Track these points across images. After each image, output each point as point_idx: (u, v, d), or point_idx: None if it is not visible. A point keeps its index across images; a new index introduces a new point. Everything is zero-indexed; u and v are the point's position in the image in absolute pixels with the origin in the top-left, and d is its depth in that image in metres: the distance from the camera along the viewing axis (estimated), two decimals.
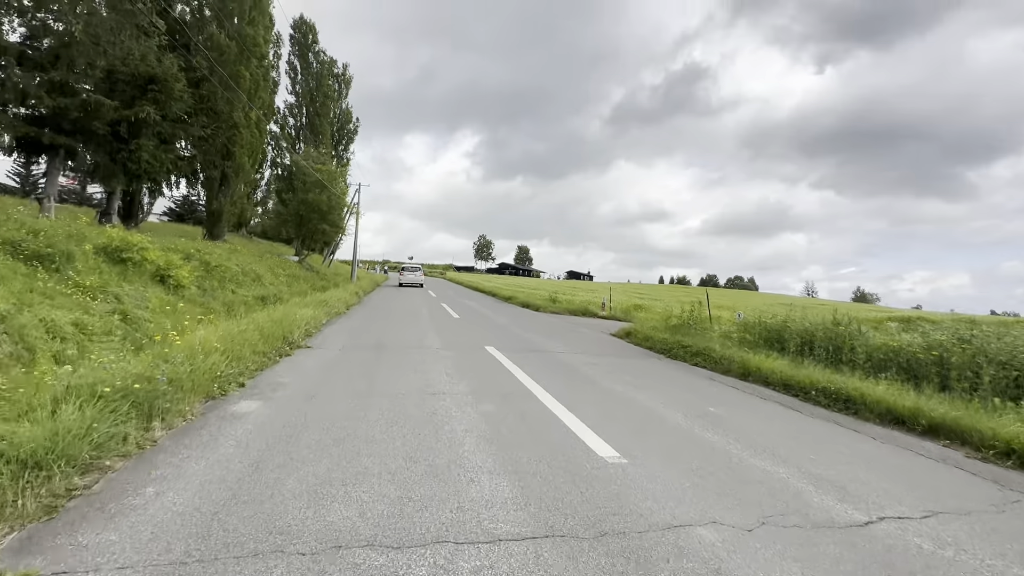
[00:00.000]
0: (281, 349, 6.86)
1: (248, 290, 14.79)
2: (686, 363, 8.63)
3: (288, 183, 31.24)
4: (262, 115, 26.78)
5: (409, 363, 6.77)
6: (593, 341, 10.84)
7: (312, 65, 42.10)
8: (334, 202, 29.92)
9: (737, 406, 5.67)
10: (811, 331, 8.44)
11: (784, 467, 3.70)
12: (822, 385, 6.16)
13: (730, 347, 8.80)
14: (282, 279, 19.52)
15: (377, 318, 12.93)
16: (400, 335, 9.66)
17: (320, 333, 9.24)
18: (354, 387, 5.26)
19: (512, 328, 12.35)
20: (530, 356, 8.07)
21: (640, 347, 10.27)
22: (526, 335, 11.01)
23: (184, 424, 3.77)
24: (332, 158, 39.85)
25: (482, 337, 10.15)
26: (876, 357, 7.28)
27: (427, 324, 11.98)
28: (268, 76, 27.68)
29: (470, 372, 6.41)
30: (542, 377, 6.33)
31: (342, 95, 46.32)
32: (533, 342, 9.87)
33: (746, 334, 9.60)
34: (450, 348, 8.36)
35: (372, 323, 11.64)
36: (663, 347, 9.71)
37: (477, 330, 11.49)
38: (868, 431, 5.04)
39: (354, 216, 37.01)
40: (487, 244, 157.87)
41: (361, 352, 7.49)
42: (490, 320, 14.31)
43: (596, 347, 9.87)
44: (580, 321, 15.93)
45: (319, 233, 29.92)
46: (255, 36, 23.72)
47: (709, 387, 6.67)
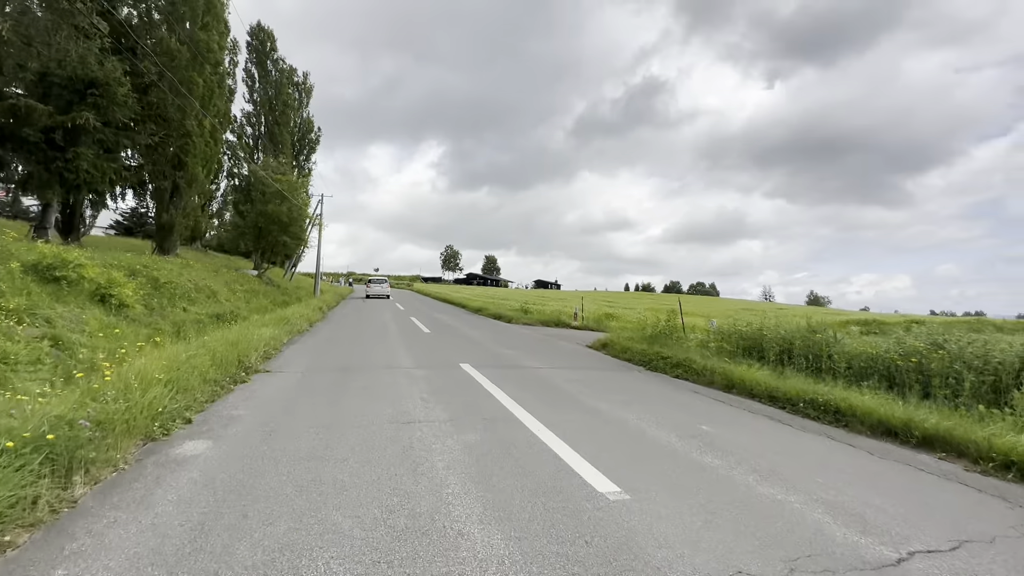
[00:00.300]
0: (236, 375, 6.23)
1: (202, 307, 13.85)
2: (667, 375, 8.43)
3: (246, 194, 29.97)
4: (217, 123, 25.61)
5: (380, 386, 6.26)
6: (570, 354, 10.54)
7: (271, 73, 40.88)
8: (295, 213, 28.85)
9: (728, 423, 5.44)
10: (789, 339, 8.40)
11: (795, 495, 3.43)
12: (809, 396, 6.03)
13: (710, 357, 8.66)
14: (239, 295, 18.49)
15: (343, 335, 12.27)
16: (368, 354, 9.09)
17: (280, 355, 8.58)
18: (319, 418, 4.73)
19: (486, 342, 11.93)
20: (508, 373, 7.68)
21: (619, 359, 10.04)
22: (501, 350, 10.61)
23: (114, 475, 3.20)
24: (293, 168, 38.67)
25: (456, 353, 9.70)
26: (856, 365, 7.24)
27: (396, 340, 11.42)
28: (224, 83, 26.53)
29: (447, 395, 5.97)
30: (524, 398, 5.95)
31: (303, 104, 45.17)
32: (509, 357, 9.48)
33: (723, 343, 9.50)
34: (423, 367, 7.88)
35: (337, 341, 11.00)
36: (642, 359, 9.50)
37: (450, 345, 11.02)
38: (862, 444, 4.88)
39: (317, 228, 35.86)
40: (454, 254, 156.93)
41: (326, 375, 6.92)
42: (462, 334, 13.85)
43: (574, 361, 9.57)
44: (554, 332, 15.66)
45: (280, 246, 28.76)
46: (209, 41, 22.66)
47: (696, 402, 6.45)
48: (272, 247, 29.41)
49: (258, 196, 27.80)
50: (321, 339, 11.18)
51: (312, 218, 35.01)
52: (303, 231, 32.39)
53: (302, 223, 31.57)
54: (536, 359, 9.42)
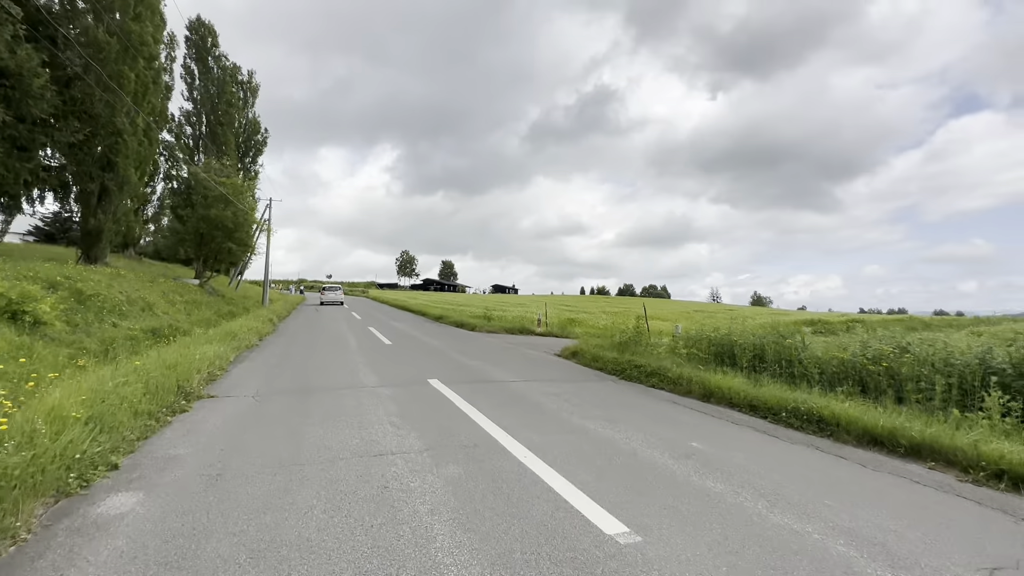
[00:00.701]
0: (175, 404, 5.48)
1: (135, 322, 12.61)
2: (643, 384, 8.22)
3: (186, 198, 28.06)
4: (153, 122, 23.82)
5: (344, 410, 5.67)
6: (540, 364, 10.20)
7: (212, 70, 38.66)
8: (241, 218, 27.25)
9: (717, 438, 5.22)
10: (761, 346, 8.39)
11: (810, 523, 3.19)
12: (791, 406, 5.93)
13: (683, 365, 8.54)
14: (179, 307, 17.10)
15: (297, 350, 11.42)
16: (327, 371, 8.40)
17: (228, 375, 7.77)
18: (276, 453, 4.14)
19: (451, 353, 11.42)
20: (480, 389, 7.24)
21: (590, 368, 9.79)
22: (469, 361, 10.14)
23: (12, 550, 2.54)
24: (238, 171, 36.67)
25: (422, 367, 9.15)
26: (829, 370, 7.28)
27: (356, 354, 10.72)
28: (159, 79, 24.67)
29: (419, 417, 5.46)
30: (502, 417, 5.53)
31: (248, 104, 43.04)
32: (479, 370, 9.03)
33: (694, 349, 9.44)
34: (389, 384, 7.31)
35: (292, 357, 10.19)
36: (615, 367, 9.28)
37: (414, 358, 10.44)
38: (852, 456, 4.78)
39: (265, 233, 34.08)
40: (410, 260, 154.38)
41: (281, 399, 6.24)
42: (425, 345, 13.25)
43: (546, 372, 9.23)
44: (519, 340, 15.31)
45: (224, 253, 27.07)
46: (142, 33, 20.98)
47: (679, 415, 6.23)
48: (216, 254, 27.64)
49: (200, 200, 26.06)
50: (273, 355, 10.33)
51: (260, 223, 33.26)
52: (250, 237, 30.67)
53: (249, 228, 29.89)
54: (506, 371, 9.02)
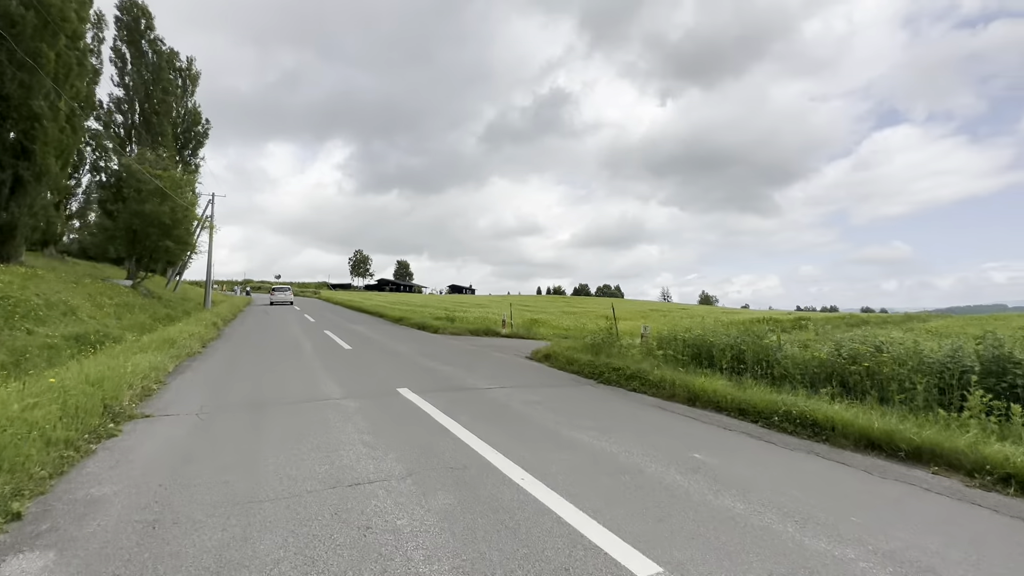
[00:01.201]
0: (101, 428, 4.64)
1: (55, 328, 11.23)
2: (623, 388, 7.92)
3: (116, 191, 25.82)
4: (78, 108, 21.70)
5: (307, 429, 5.00)
6: (514, 369, 9.74)
7: (147, 54, 35.88)
8: (180, 214, 25.30)
9: (716, 447, 4.94)
10: (740, 346, 8.28)
11: (849, 547, 2.90)
12: (783, 409, 5.75)
13: (661, 367, 8.32)
14: (109, 310, 15.52)
15: (246, 357, 10.44)
16: (283, 381, 7.60)
17: (166, 389, 6.85)
18: (229, 488, 3.47)
19: (418, 358, 10.77)
20: (457, 398, 6.70)
21: (566, 372, 9.42)
22: (438, 367, 9.54)
23: None
24: (176, 164, 34.21)
25: (389, 375, 8.49)
26: (810, 371, 7.22)
27: (314, 361, 9.89)
28: (85, 61, 22.54)
29: (395, 435, 4.87)
30: (489, 432, 5.03)
31: (187, 92, 40.41)
32: (450, 376, 8.47)
33: (669, 351, 9.26)
34: (355, 396, 6.64)
35: (240, 366, 9.25)
36: (592, 371, 8.95)
37: (379, 365, 9.73)
38: (854, 462, 4.60)
39: (207, 231, 31.89)
40: (364, 259, 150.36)
41: (231, 416, 5.47)
42: (388, 349, 12.51)
43: (521, 377, 8.78)
44: (486, 343, 14.79)
45: (161, 251, 25.01)
46: (64, 9, 18.99)
47: (670, 422, 5.93)
48: (151, 253, 25.50)
49: (132, 194, 23.97)
50: (219, 364, 9.34)
51: (201, 219, 31.08)
52: (190, 234, 28.57)
53: (189, 225, 27.82)
54: (480, 377, 8.50)
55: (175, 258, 29.36)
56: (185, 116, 40.48)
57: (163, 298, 25.14)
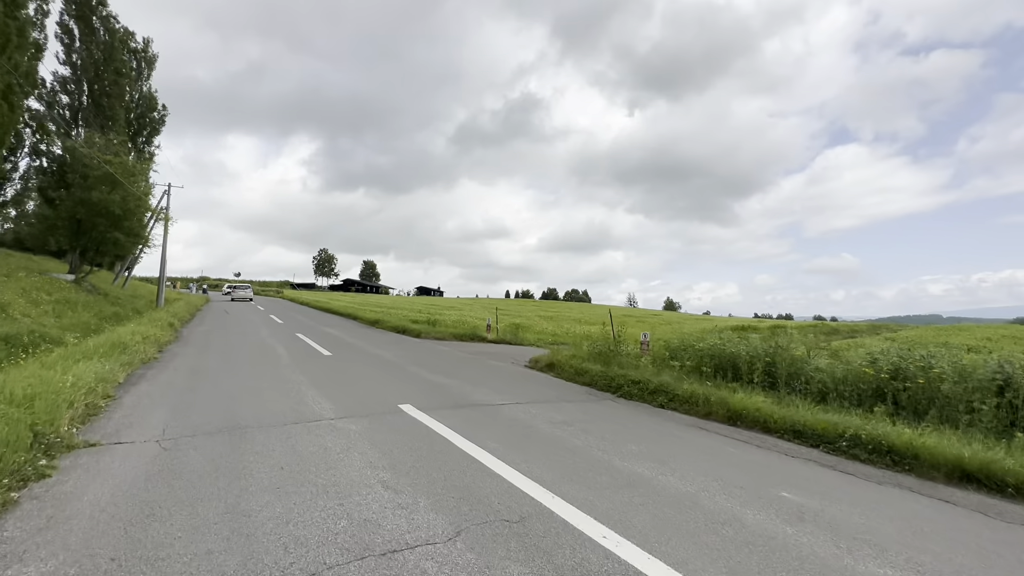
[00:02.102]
0: (27, 466, 3.49)
1: None
2: (648, 404, 7.18)
3: (59, 178, 23.49)
4: (16, 84, 19.56)
5: (305, 464, 3.98)
6: (520, 380, 8.85)
7: (98, 31, 33.17)
8: (132, 204, 23.25)
9: (798, 483, 4.21)
10: (763, 357, 7.68)
11: None
12: (849, 433, 5.11)
13: (685, 380, 7.63)
14: (46, 307, 13.76)
15: (213, 364, 9.15)
16: (261, 396, 6.47)
17: (117, 405, 5.64)
18: (214, 566, 2.47)
19: (409, 367, 9.73)
20: (472, 418, 5.78)
21: (577, 384, 8.60)
22: (435, 378, 8.56)
23: None
24: (129, 151, 31.71)
25: (382, 387, 7.46)
26: (852, 386, 6.66)
27: (292, 370, 8.73)
28: (26, 33, 20.32)
29: (419, 472, 3.92)
30: (529, 464, 4.15)
31: (143, 75, 37.71)
32: (453, 390, 7.51)
33: (686, 362, 8.61)
34: (352, 415, 5.61)
35: (207, 375, 8.00)
36: (606, 383, 8.18)
37: (368, 375, 8.66)
38: (958, 500, 3.97)
39: (162, 223, 29.59)
40: (329, 259, 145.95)
41: (203, 445, 4.38)
42: (373, 356, 11.39)
43: (533, 390, 7.91)
44: (475, 349, 13.83)
45: (109, 244, 22.91)
46: None
47: (724, 448, 5.17)
48: (98, 245, 23.30)
49: (77, 180, 21.83)
50: (181, 373, 8.06)
51: (156, 211, 28.83)
52: (143, 226, 26.40)
53: (141, 216, 25.68)
54: (487, 390, 7.58)
55: (125, 252, 27.08)
56: (139, 101, 37.75)
57: (110, 295, 22.99)
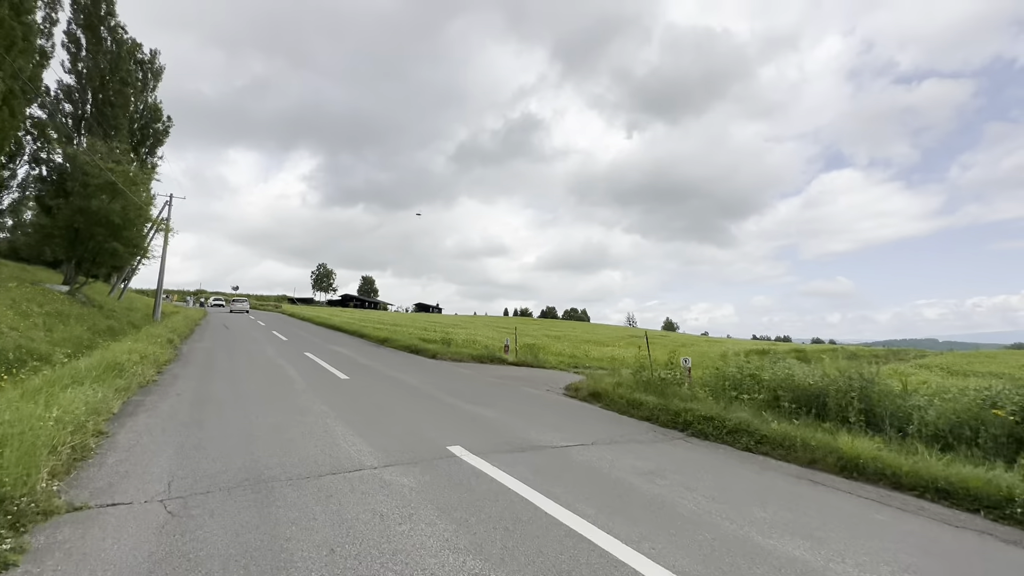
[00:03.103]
0: None
1: None
2: (731, 447, 6.16)
3: (58, 186, 22.65)
4: (18, 89, 18.89)
5: (359, 542, 2.96)
6: (568, 413, 7.83)
7: (105, 41, 32.73)
8: (132, 214, 22.38)
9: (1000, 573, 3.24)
10: (855, 389, 6.70)
11: None
12: (1021, 496, 4.14)
13: (764, 417, 6.65)
14: (36, 320, 12.72)
15: (220, 390, 8.11)
16: (283, 434, 5.44)
17: (111, 445, 4.62)
18: None
19: (440, 395, 8.71)
20: (540, 466, 4.77)
21: (633, 417, 7.59)
22: (473, 408, 7.54)
23: None
24: (132, 160, 30.98)
25: (420, 421, 6.43)
26: (969, 426, 5.69)
27: (311, 397, 7.69)
28: (32, 38, 19.73)
29: (514, 557, 2.92)
30: (652, 543, 3.14)
31: (148, 86, 37.21)
32: (501, 425, 6.50)
33: (755, 393, 7.64)
34: (397, 462, 4.60)
35: (215, 404, 6.97)
36: (671, 419, 7.16)
37: (398, 405, 7.63)
38: None
39: (163, 233, 28.66)
40: (328, 274, 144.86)
41: (221, 510, 3.35)
42: (394, 380, 10.36)
43: (591, 426, 6.89)
44: (499, 372, 12.81)
45: (106, 254, 21.95)
46: None
47: (867, 513, 4.16)
48: (95, 256, 22.34)
49: (77, 188, 20.97)
50: (185, 400, 7.04)
51: (157, 222, 27.93)
52: (142, 237, 25.50)
53: (141, 227, 24.78)
54: (540, 426, 6.56)
55: (123, 262, 26.08)
56: (144, 111, 37.21)
57: (105, 307, 21.93)
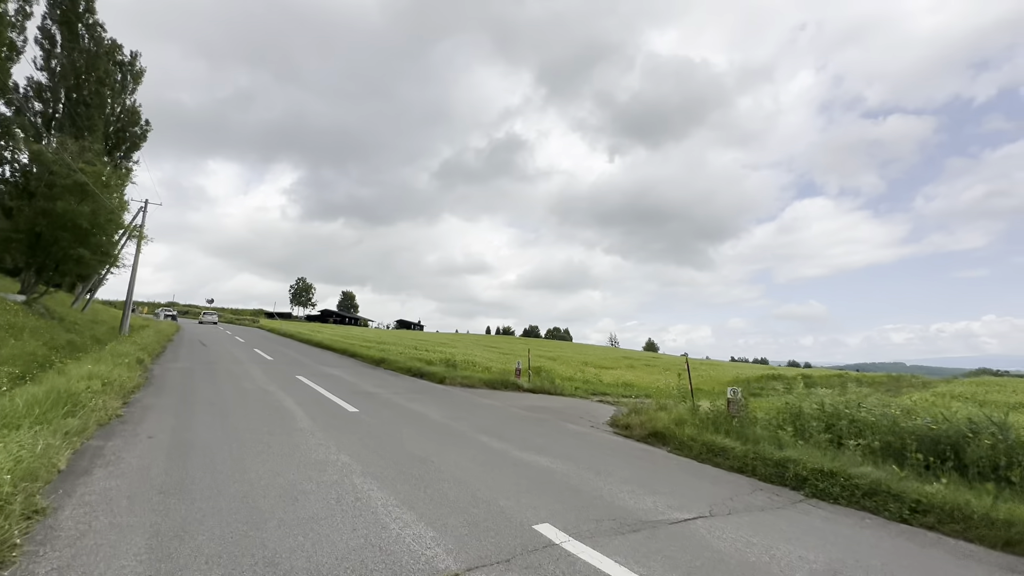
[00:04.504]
0: None
1: None
2: (871, 514, 4.85)
3: (22, 188, 20.66)
4: None
5: None
6: (640, 462, 6.39)
7: (82, 38, 30.86)
8: (103, 218, 20.42)
9: None
10: (962, 433, 5.46)
11: None
12: None
13: (898, 473, 5.37)
14: None
15: (204, 434, 6.47)
16: (301, 507, 3.90)
17: (49, 535, 3.05)
18: None
19: (471, 432, 7.21)
20: (678, 559, 3.37)
21: (720, 468, 6.20)
22: (523, 455, 6.07)
23: None
24: (106, 164, 28.93)
25: (474, 477, 4.95)
26: None
27: (322, 442, 6.14)
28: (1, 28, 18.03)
29: None
30: None
31: (127, 89, 35.26)
32: (571, 481, 5.06)
33: (870, 439, 6.31)
34: (477, 557, 3.14)
35: (199, 455, 5.35)
36: (771, 470, 5.81)
37: (431, 449, 6.12)
38: None
39: (135, 241, 26.55)
40: (307, 288, 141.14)
41: None
42: (411, 413, 8.79)
43: (683, 483, 5.48)
44: (524, 403, 11.32)
45: (71, 261, 19.91)
46: None
47: None
48: (59, 263, 20.26)
49: (42, 189, 19.03)
50: (160, 448, 5.42)
51: (129, 228, 25.88)
52: (112, 244, 23.44)
53: (111, 233, 22.76)
54: (617, 482, 5.14)
55: (89, 271, 23.93)
56: (121, 114, 35.20)
57: (66, 320, 19.80)
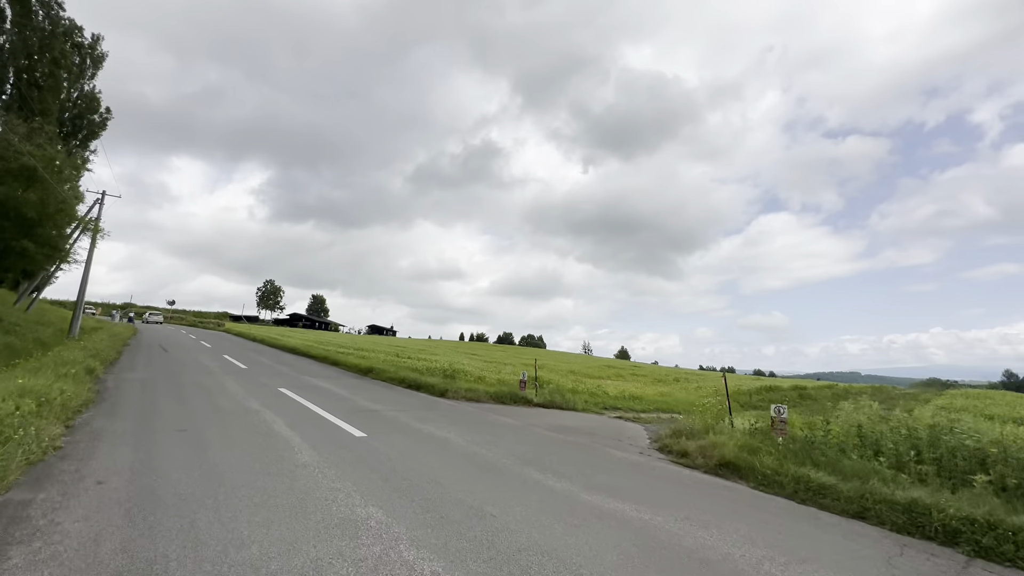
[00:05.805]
0: None
1: None
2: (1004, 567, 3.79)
3: None
4: None
5: None
6: (729, 505, 5.20)
7: (36, 15, 28.29)
8: (53, 208, 18.27)
9: None
10: None
11: None
12: None
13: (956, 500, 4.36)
14: None
15: (173, 473, 4.95)
16: None
17: None
18: None
19: (513, 466, 5.90)
20: None
21: (832, 512, 5.06)
22: (591, 498, 4.82)
23: None
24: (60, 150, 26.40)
25: (562, 547, 3.68)
26: None
27: (339, 485, 4.74)
28: None
29: None
30: None
31: (86, 74, 32.63)
32: (679, 542, 3.84)
33: (1004, 476, 5.33)
34: None
35: (167, 515, 3.90)
36: (901, 517, 4.73)
37: (478, 493, 4.78)
38: None
39: (89, 235, 24.15)
40: (275, 291, 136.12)
41: None
42: (430, 438, 7.39)
43: (809, 542, 4.33)
44: (547, 420, 10.02)
45: (13, 255, 17.68)
46: None
47: None
48: (2, 255, 17.93)
49: None
50: (113, 504, 3.93)
51: (83, 221, 23.52)
52: (63, 238, 21.15)
53: (62, 225, 20.51)
54: (734, 539, 3.95)
55: (35, 266, 21.50)
56: (79, 100, 32.50)
57: (6, 320, 17.48)
